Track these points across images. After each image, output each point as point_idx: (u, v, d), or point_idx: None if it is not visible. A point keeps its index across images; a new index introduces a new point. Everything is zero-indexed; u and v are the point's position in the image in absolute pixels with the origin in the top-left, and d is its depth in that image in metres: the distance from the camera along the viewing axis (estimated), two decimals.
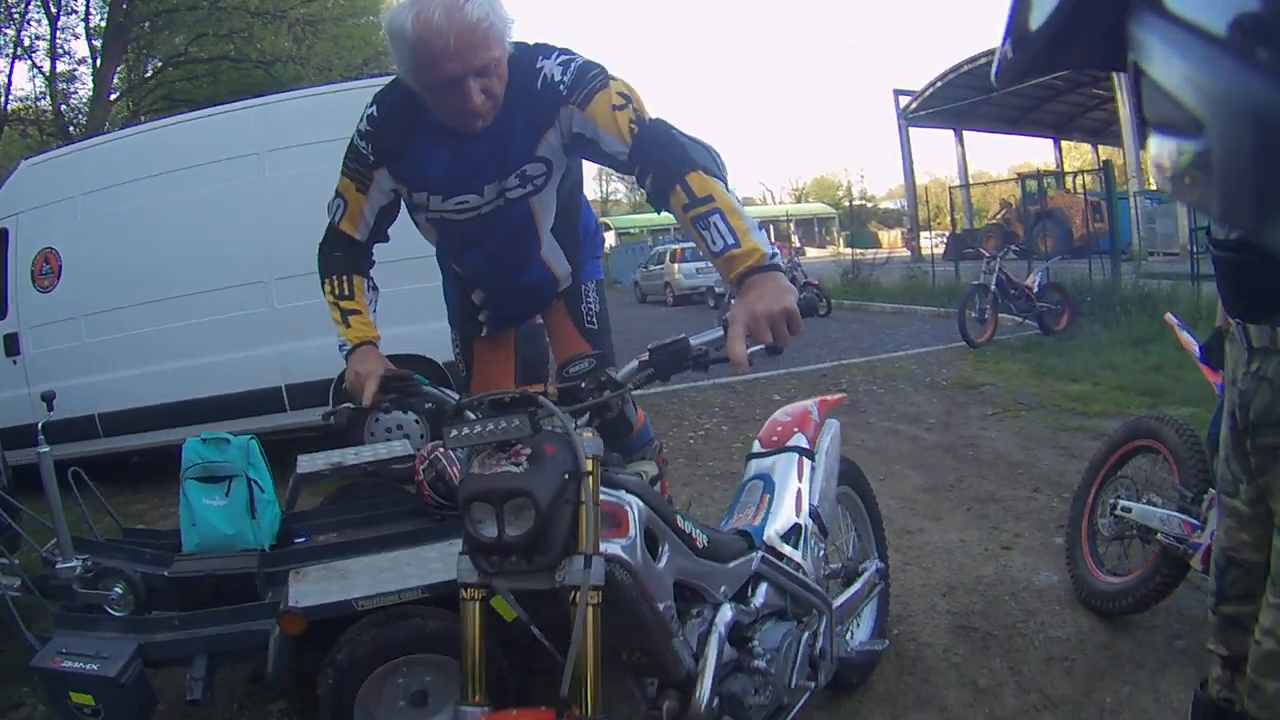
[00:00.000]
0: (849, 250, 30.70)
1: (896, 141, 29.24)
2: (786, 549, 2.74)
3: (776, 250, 2.07)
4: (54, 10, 21.51)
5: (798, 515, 2.87)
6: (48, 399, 3.61)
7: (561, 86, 2.39)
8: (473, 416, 2.02)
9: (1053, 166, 33.72)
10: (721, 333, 1.93)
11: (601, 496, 1.92)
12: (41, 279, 7.17)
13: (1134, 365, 9.17)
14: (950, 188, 28.63)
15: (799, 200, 74.98)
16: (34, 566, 3.66)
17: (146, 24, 21.69)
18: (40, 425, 3.67)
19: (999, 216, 29.69)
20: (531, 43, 2.48)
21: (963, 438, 7.17)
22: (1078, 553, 4.08)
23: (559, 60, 2.41)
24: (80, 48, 23.28)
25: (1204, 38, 0.57)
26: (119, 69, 22.45)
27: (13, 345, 7.22)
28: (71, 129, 22.37)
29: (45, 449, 3.53)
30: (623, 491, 2.02)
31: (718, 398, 9.35)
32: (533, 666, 3.14)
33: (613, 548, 1.91)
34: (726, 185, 2.16)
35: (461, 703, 1.91)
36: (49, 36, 21.91)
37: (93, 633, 3.14)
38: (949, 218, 27.99)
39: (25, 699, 3.74)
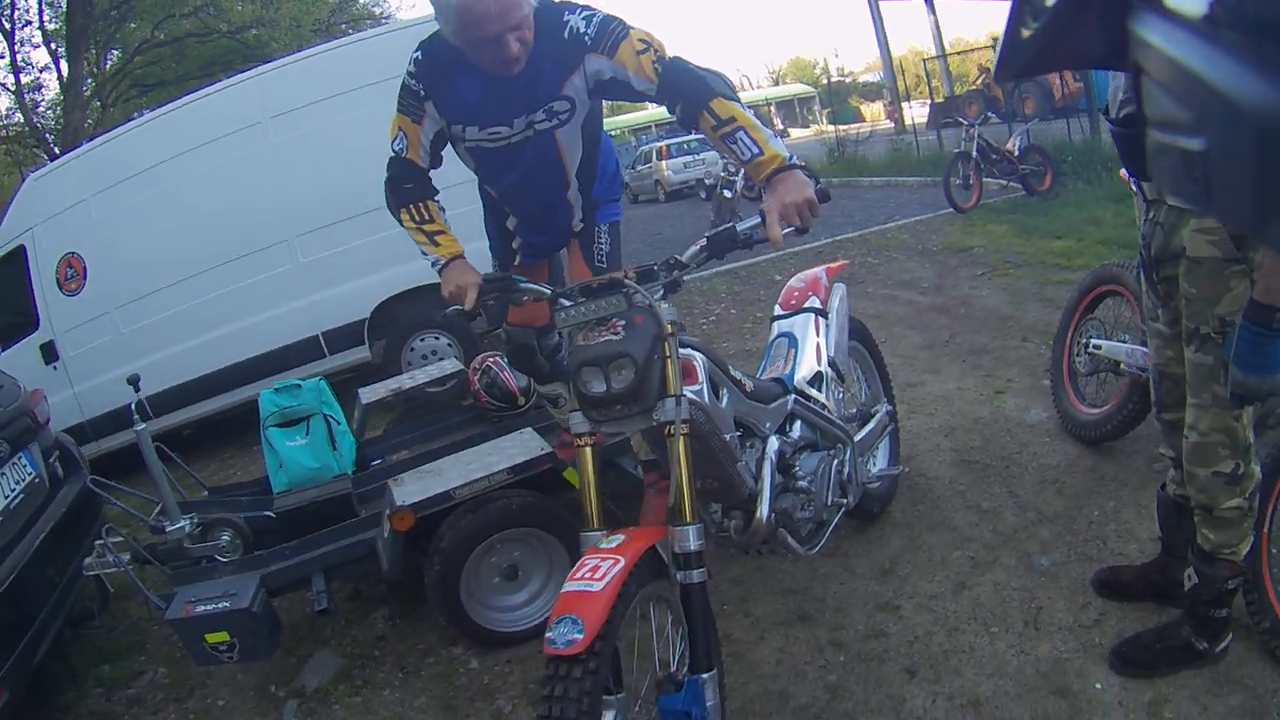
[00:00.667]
0: (833, 128, 30.38)
1: (868, 15, 28.48)
2: (813, 392, 3.22)
3: (794, 154, 2.53)
4: (7, 26, 20.90)
5: (819, 364, 3.35)
6: (134, 381, 3.87)
7: (587, 38, 2.77)
8: (567, 302, 2.41)
9: None
10: (759, 219, 2.38)
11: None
12: (68, 284, 7.28)
13: (1115, 220, 9.42)
14: (925, 59, 28.07)
15: (776, 83, 74.12)
16: (143, 538, 3.81)
17: (111, 15, 21.02)
18: (134, 405, 3.88)
19: (979, 82, 29.50)
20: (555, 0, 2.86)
21: (955, 298, 7.55)
22: (1060, 390, 4.53)
23: (583, 15, 2.80)
24: (41, 56, 22.59)
25: (1205, 37, 0.57)
26: (84, 67, 21.84)
27: (50, 353, 7.35)
28: (49, 136, 21.99)
29: (141, 425, 3.70)
30: (690, 349, 2.45)
31: (723, 284, 9.63)
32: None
33: (688, 392, 2.33)
34: (742, 104, 2.61)
35: (583, 529, 2.32)
36: (7, 53, 21.34)
37: (213, 580, 3.43)
38: (928, 87, 27.64)
39: (145, 666, 4.09)
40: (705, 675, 2.16)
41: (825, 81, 59.86)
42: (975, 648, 3.01)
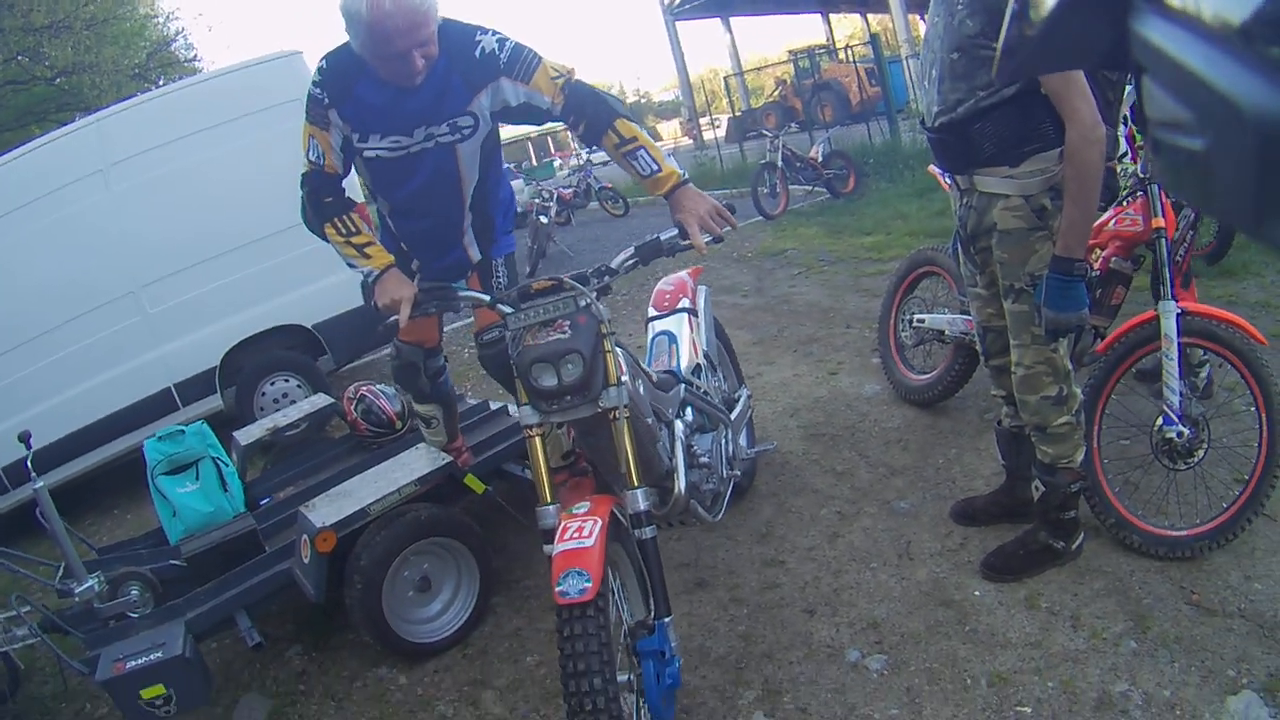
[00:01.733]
0: None
1: (665, 37, 28.86)
2: (697, 381, 3.59)
3: (685, 170, 2.94)
4: None
5: (697, 356, 3.75)
6: (24, 439, 3.80)
7: (500, 61, 2.96)
8: (507, 309, 2.65)
9: (824, 41, 34.24)
10: (677, 231, 2.75)
11: None
12: None
13: (921, 213, 10.19)
14: (725, 76, 28.81)
15: None
16: (50, 603, 3.77)
17: None
18: (28, 461, 3.75)
19: (775, 94, 30.59)
20: (465, 21, 3.06)
21: (776, 297, 8.05)
22: (890, 362, 5.06)
23: (495, 38, 2.98)
24: None
25: (1206, 36, 0.56)
26: None
27: None
28: None
29: (40, 483, 3.63)
30: (615, 346, 2.75)
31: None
32: None
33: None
34: (641, 126, 2.98)
35: (539, 505, 2.62)
36: None
37: (134, 635, 3.36)
38: (726, 102, 28.41)
39: None
40: (668, 619, 2.54)
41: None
42: (861, 582, 3.43)
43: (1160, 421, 3.24)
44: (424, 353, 3.73)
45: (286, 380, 7.23)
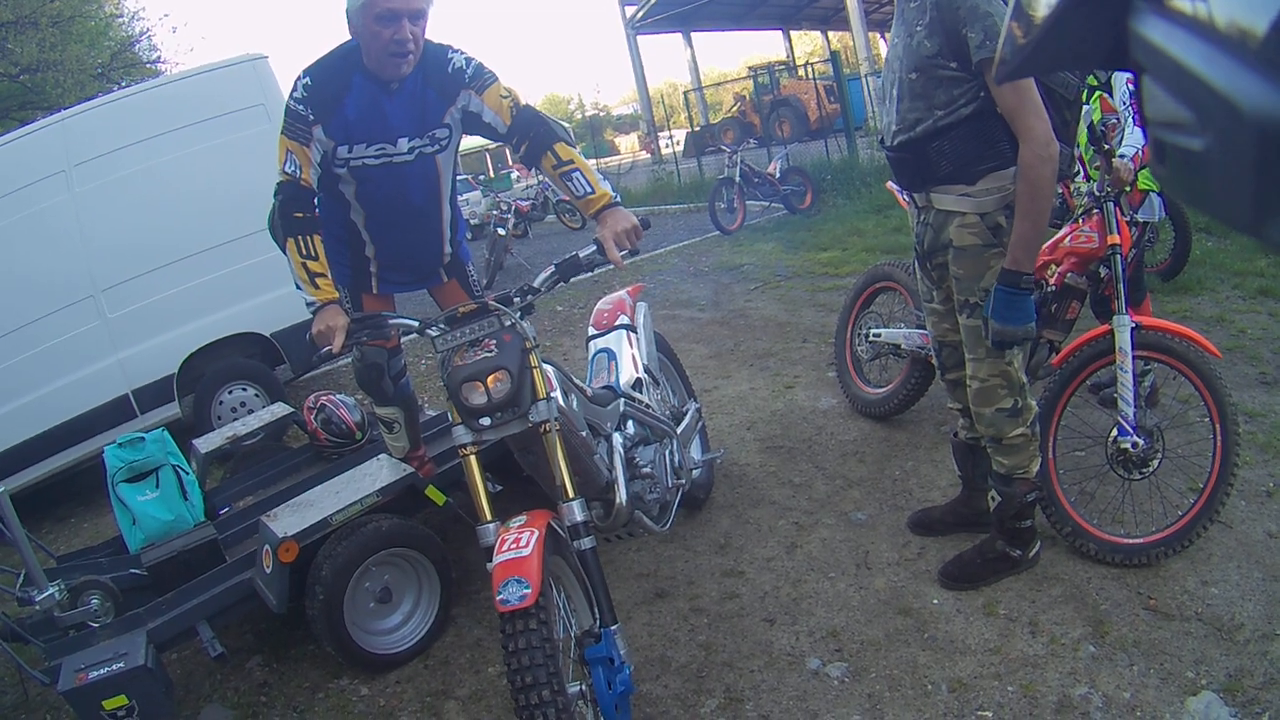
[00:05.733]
0: (592, 161, 30.81)
1: (625, 50, 28.93)
2: (637, 395, 3.65)
3: (618, 193, 3.08)
4: None
5: (637, 371, 3.81)
6: None
7: (465, 75, 3.25)
8: (434, 332, 2.74)
9: (784, 57, 34.50)
10: (596, 247, 2.84)
11: None
12: None
13: (877, 229, 10.34)
14: (685, 91, 28.96)
15: None
16: (10, 611, 3.73)
17: None
18: None
19: (734, 110, 30.81)
20: (437, 41, 3.27)
21: (732, 311, 8.11)
22: (847, 377, 5.15)
23: (464, 56, 3.27)
24: None
25: (1206, 36, 0.55)
26: None
27: None
28: None
29: (0, 488, 3.62)
30: (543, 363, 2.81)
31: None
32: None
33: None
34: (578, 150, 3.16)
35: (478, 523, 2.66)
36: None
37: (95, 645, 3.33)
38: (685, 116, 28.56)
39: None
40: (614, 627, 2.60)
41: (580, 116, 61.07)
42: (819, 592, 3.49)
43: (1115, 432, 3.34)
44: (387, 354, 3.77)
45: (244, 389, 7.21)
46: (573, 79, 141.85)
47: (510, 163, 32.28)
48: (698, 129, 25.88)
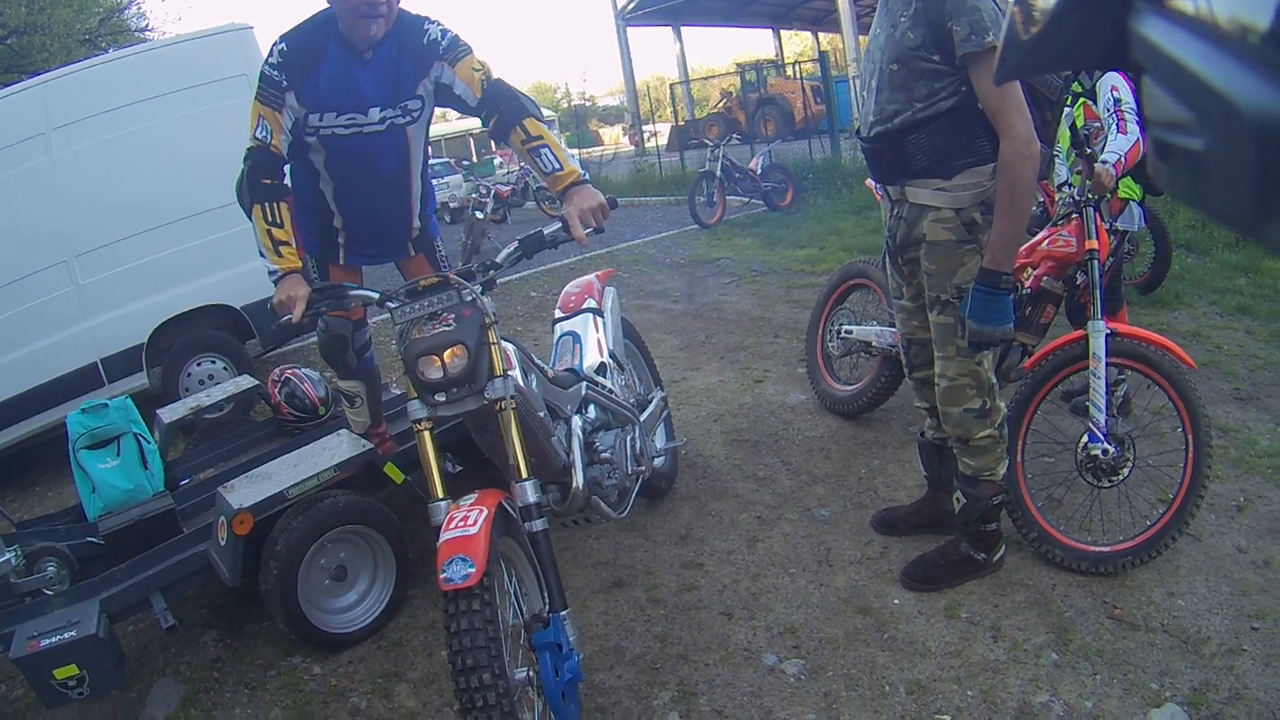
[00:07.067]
0: (574, 151, 30.94)
1: (615, 41, 28.89)
2: (600, 379, 3.62)
3: (587, 171, 3.04)
4: None
5: (601, 355, 3.78)
6: None
7: (440, 46, 3.22)
8: (394, 304, 2.70)
9: (773, 55, 34.58)
10: (561, 224, 2.79)
11: None
12: None
13: (856, 230, 10.34)
14: (671, 85, 28.95)
15: None
16: None
17: None
18: None
19: (720, 105, 30.80)
20: (415, 12, 3.26)
21: (706, 304, 8.11)
22: (816, 373, 5.13)
23: (440, 27, 3.24)
24: None
25: (1206, 36, 0.56)
26: None
27: None
28: None
29: None
30: (503, 340, 2.78)
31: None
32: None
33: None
34: (548, 126, 3.11)
35: (429, 500, 2.62)
36: None
37: (49, 613, 3.29)
38: (670, 110, 28.55)
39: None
40: (563, 612, 2.56)
41: (566, 105, 61.01)
42: (779, 587, 3.47)
43: (1085, 439, 3.33)
44: (351, 325, 3.74)
45: (213, 361, 7.11)
46: (561, 68, 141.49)
47: (494, 148, 32.24)
48: (682, 123, 25.86)
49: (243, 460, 4.50)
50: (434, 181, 21.35)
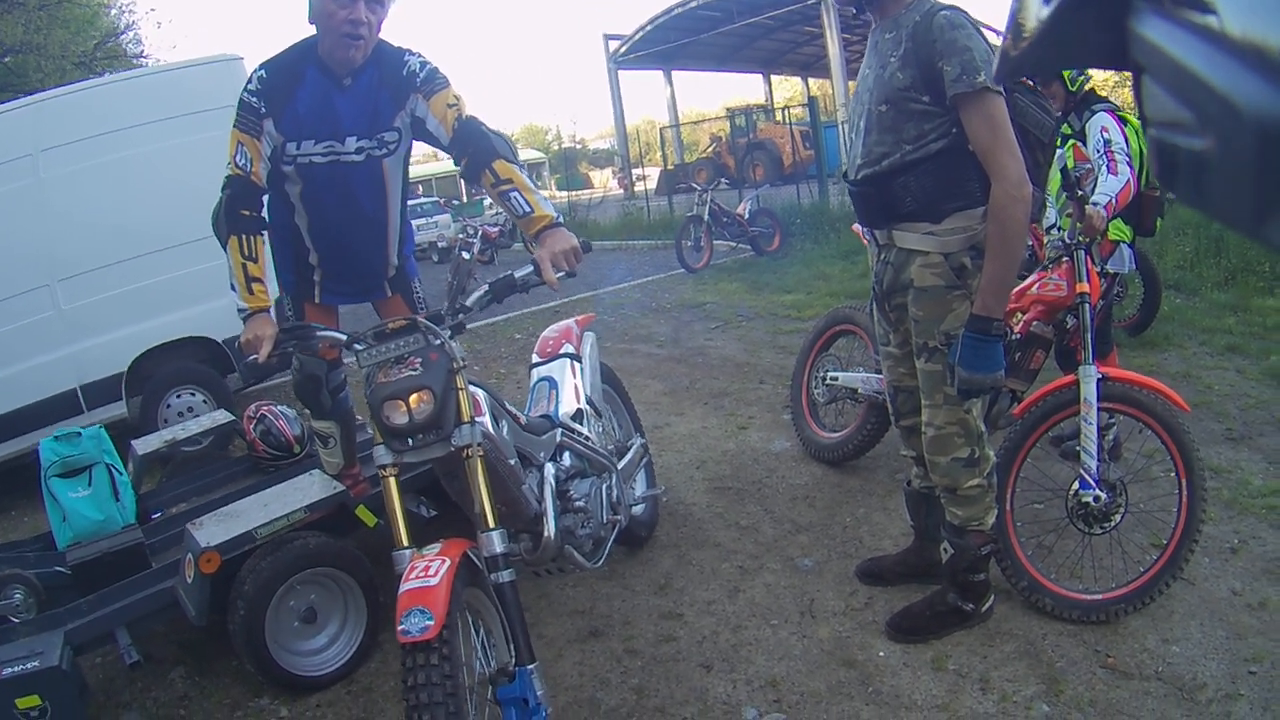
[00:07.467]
0: (563, 193, 31.04)
1: (606, 84, 29.00)
2: (576, 426, 3.56)
3: (559, 214, 2.95)
4: None
5: (579, 402, 3.72)
6: None
7: (417, 78, 3.17)
8: (360, 346, 2.64)
9: (763, 100, 34.76)
10: (532, 268, 2.73)
11: None
12: None
13: (843, 274, 10.33)
14: (661, 128, 29.12)
15: None
16: None
17: None
18: None
19: (710, 150, 30.99)
20: (396, 44, 3.22)
21: (692, 349, 8.06)
22: (801, 420, 5.06)
23: (420, 60, 3.19)
24: None
25: (1206, 36, 0.55)
26: None
27: None
28: None
29: None
30: (473, 385, 2.72)
31: (466, 341, 9.67)
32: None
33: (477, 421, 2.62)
34: (520, 166, 3.02)
35: (394, 549, 2.55)
36: None
37: (12, 641, 3.28)
38: (659, 154, 28.73)
39: None
40: (531, 666, 2.47)
41: (556, 148, 61.36)
42: (760, 639, 3.38)
43: (1077, 485, 3.27)
44: (326, 365, 3.67)
45: (193, 394, 7.08)
46: (552, 110, 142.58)
47: None
48: (672, 167, 25.99)
49: (216, 496, 4.46)
50: (423, 221, 21.46)
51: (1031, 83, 4.15)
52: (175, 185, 6.76)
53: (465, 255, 9.61)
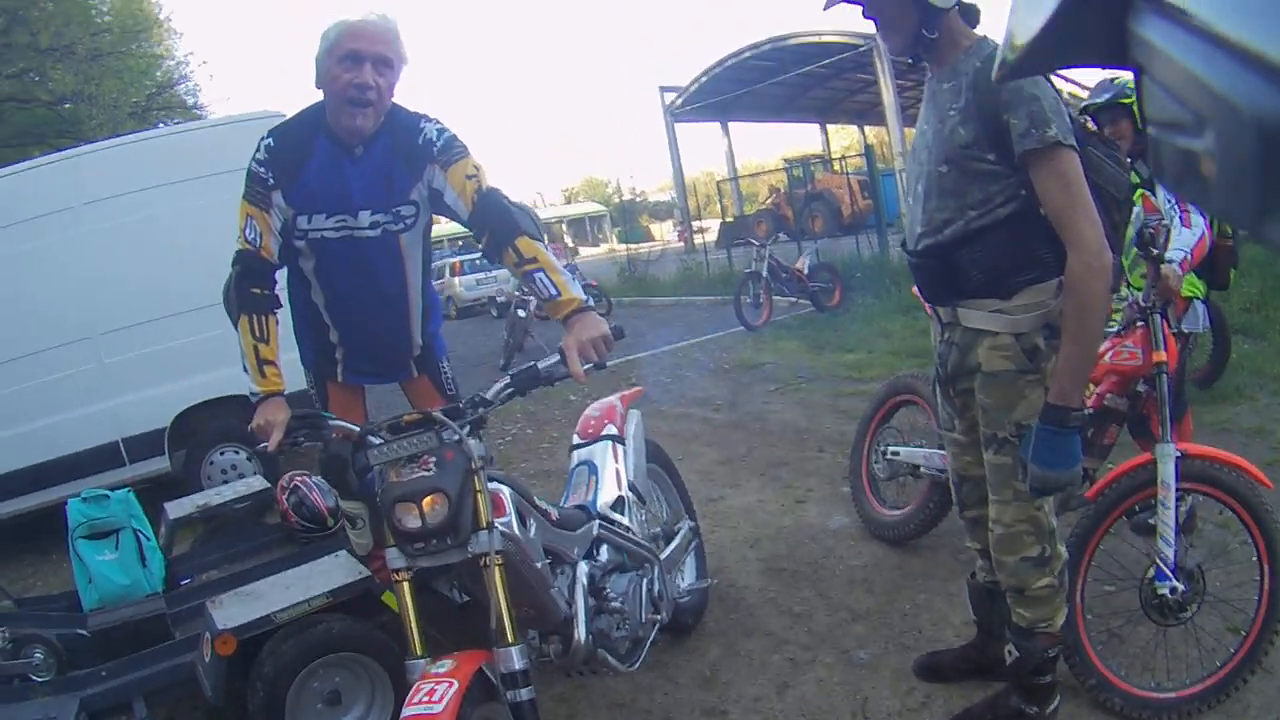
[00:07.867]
0: (623, 246, 31.13)
1: (664, 136, 29.12)
2: (616, 516, 3.34)
3: (589, 297, 2.77)
4: None
5: (619, 489, 3.48)
6: None
7: (434, 147, 3.01)
8: (377, 440, 2.48)
9: (820, 150, 34.75)
10: (558, 357, 2.56)
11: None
12: None
13: (904, 331, 10.06)
14: (719, 181, 29.19)
15: (569, 201, 76.51)
16: None
17: None
18: None
19: (769, 202, 30.94)
20: (412, 110, 3.07)
21: (749, 413, 7.82)
22: (861, 495, 4.78)
23: (437, 126, 3.02)
24: None
25: (1206, 36, 0.56)
26: None
27: None
28: None
29: None
30: (497, 483, 2.55)
31: (519, 404, 9.55)
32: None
33: (498, 524, 2.43)
34: (545, 246, 2.85)
35: (407, 658, 2.39)
36: None
37: (29, 700, 3.26)
38: (719, 206, 28.74)
39: None
40: None
41: (617, 200, 61.82)
42: None
43: (1152, 574, 2.96)
44: (351, 445, 3.50)
45: (236, 452, 7.07)
46: (611, 162, 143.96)
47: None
48: (731, 219, 25.95)
49: (248, 566, 4.35)
50: (481, 275, 21.46)
51: (1096, 126, 3.81)
52: (217, 241, 6.71)
53: (521, 312, 9.55)
